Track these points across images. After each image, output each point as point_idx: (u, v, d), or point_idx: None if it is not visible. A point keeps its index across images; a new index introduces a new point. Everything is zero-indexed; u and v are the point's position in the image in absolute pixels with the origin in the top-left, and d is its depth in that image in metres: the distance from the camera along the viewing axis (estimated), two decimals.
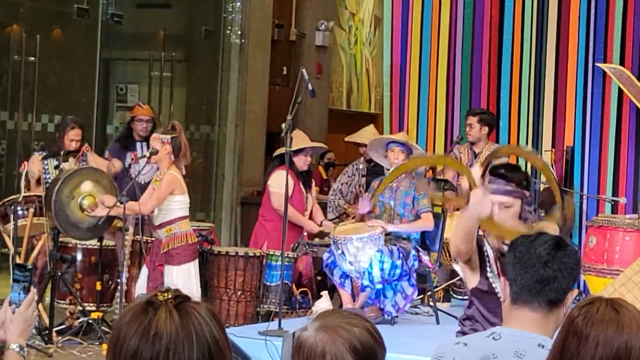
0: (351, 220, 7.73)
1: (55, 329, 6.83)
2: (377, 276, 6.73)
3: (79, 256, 7.27)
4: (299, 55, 12.12)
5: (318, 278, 7.88)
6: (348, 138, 8.76)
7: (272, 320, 6.61)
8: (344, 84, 13.94)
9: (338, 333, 2.00)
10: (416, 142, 8.67)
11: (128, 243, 7.11)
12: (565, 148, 9.25)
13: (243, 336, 6.10)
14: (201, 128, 11.11)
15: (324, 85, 12.49)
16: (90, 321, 6.89)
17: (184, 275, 6.54)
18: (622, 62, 8.98)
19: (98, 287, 7.12)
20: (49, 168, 7.29)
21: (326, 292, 7.11)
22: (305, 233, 7.63)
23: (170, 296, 1.78)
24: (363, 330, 2.01)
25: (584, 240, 8.04)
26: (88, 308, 7.04)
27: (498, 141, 9.13)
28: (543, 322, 2.55)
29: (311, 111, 11.79)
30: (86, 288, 7.26)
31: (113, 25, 10.41)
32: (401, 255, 6.87)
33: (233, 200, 10.84)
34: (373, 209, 7.17)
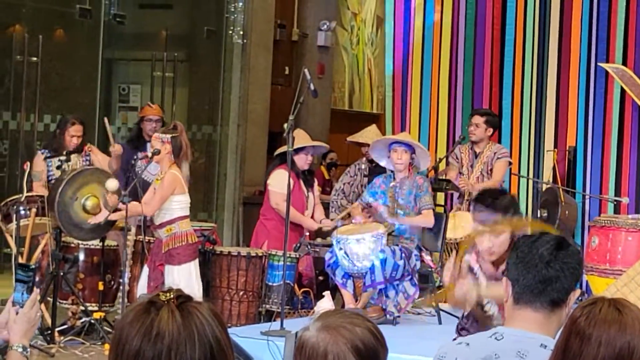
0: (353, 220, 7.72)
1: (57, 329, 6.83)
2: (379, 276, 6.73)
3: (82, 256, 7.27)
4: (301, 55, 12.12)
5: (320, 278, 7.87)
6: (350, 138, 8.75)
7: (274, 320, 6.60)
8: (346, 84, 13.95)
9: (340, 333, 2.00)
10: (418, 142, 8.66)
11: (130, 243, 7.11)
12: (567, 148, 9.24)
13: (245, 336, 6.10)
14: (203, 128, 11.12)
15: (326, 85, 12.49)
16: (92, 321, 6.89)
17: (185, 275, 6.54)
18: (625, 62, 8.98)
19: (100, 287, 7.12)
20: (52, 167, 7.30)
21: (328, 292, 7.10)
22: (307, 233, 7.63)
23: (172, 296, 1.78)
24: (365, 330, 2.01)
25: (587, 240, 8.03)
26: (90, 308, 7.05)
27: (500, 141, 9.12)
28: (545, 322, 2.55)
29: (313, 111, 11.79)
30: (88, 288, 7.26)
31: (115, 25, 10.42)
32: (403, 255, 6.86)
33: (235, 200, 10.84)
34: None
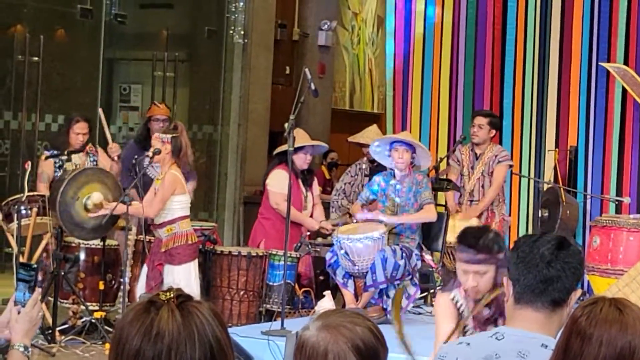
0: (354, 220, 7.72)
1: (58, 329, 6.83)
2: (380, 276, 6.73)
3: (82, 256, 7.27)
4: (302, 55, 12.12)
5: (321, 278, 7.87)
6: (351, 138, 8.74)
7: (275, 320, 6.60)
8: (347, 84, 13.95)
9: (340, 332, 2.00)
10: (419, 142, 8.66)
11: (131, 243, 7.11)
12: (568, 148, 9.24)
13: (246, 336, 6.09)
14: (204, 128, 11.12)
15: (327, 85, 12.49)
16: (93, 321, 6.89)
17: (185, 274, 6.54)
18: (626, 62, 8.97)
19: (101, 287, 7.13)
20: (57, 167, 7.29)
21: (329, 292, 7.10)
22: (308, 233, 7.62)
23: (172, 295, 1.78)
24: (365, 329, 2.01)
25: (588, 240, 8.02)
26: (91, 307, 7.05)
27: (501, 142, 9.11)
28: (546, 322, 2.54)
29: (314, 111, 11.79)
30: (89, 288, 7.25)
31: (116, 25, 10.42)
32: (404, 254, 6.86)
33: (236, 199, 10.84)
34: (375, 206, 7.17)
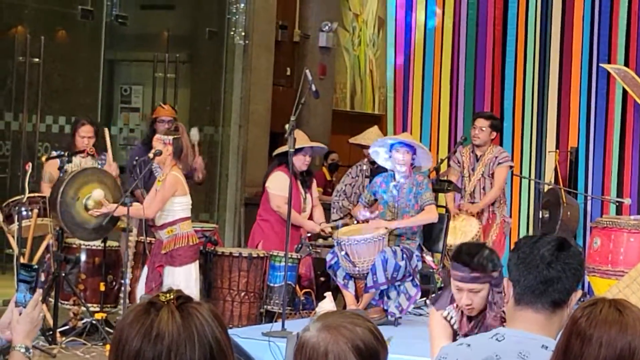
0: (354, 221, 7.73)
1: (59, 330, 6.83)
2: (381, 277, 6.73)
3: (83, 257, 7.27)
4: (303, 56, 12.13)
5: (322, 279, 7.87)
6: (352, 140, 8.75)
7: (276, 321, 6.60)
8: (348, 85, 13.96)
9: (340, 332, 2.00)
10: (419, 143, 8.66)
11: (132, 244, 7.10)
12: (569, 149, 9.24)
13: (246, 337, 6.09)
14: (205, 129, 11.11)
15: (328, 86, 12.50)
16: (94, 322, 6.89)
17: (185, 276, 6.54)
18: (627, 63, 8.97)
19: (102, 288, 7.13)
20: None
21: (330, 293, 7.09)
22: (308, 234, 7.62)
23: (172, 297, 1.78)
24: (365, 330, 2.01)
25: (588, 241, 8.02)
26: (92, 309, 7.05)
27: (502, 143, 9.11)
28: (547, 323, 2.54)
29: (315, 112, 11.79)
30: (90, 289, 7.26)
31: (117, 26, 10.43)
32: (405, 256, 6.86)
33: (237, 200, 10.85)
34: (376, 207, 7.17)
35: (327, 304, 6.89)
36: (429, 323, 4.08)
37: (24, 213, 6.92)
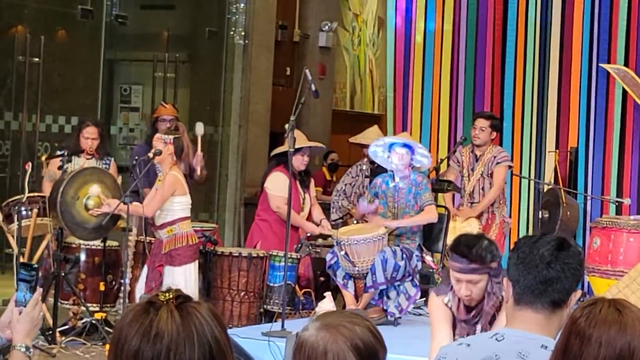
0: (354, 220, 7.73)
1: (58, 330, 6.83)
2: (380, 277, 6.73)
3: (83, 257, 7.27)
4: (303, 56, 12.13)
5: (321, 279, 7.87)
6: (352, 139, 8.75)
7: (275, 321, 6.60)
8: (348, 85, 13.96)
9: (340, 332, 2.00)
10: (419, 143, 8.66)
11: (131, 244, 7.11)
12: (569, 149, 9.24)
13: (246, 337, 6.09)
14: (205, 129, 11.10)
15: (328, 86, 12.50)
16: (93, 322, 6.89)
17: (185, 276, 6.54)
18: (626, 63, 8.97)
19: (101, 288, 7.13)
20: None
21: (329, 293, 7.09)
22: (308, 234, 7.62)
23: (171, 296, 1.78)
24: (365, 329, 2.01)
25: (588, 241, 8.02)
26: (91, 308, 7.05)
27: (502, 143, 9.12)
28: (546, 323, 2.54)
29: (315, 112, 11.80)
30: (90, 288, 7.26)
31: (117, 26, 10.43)
32: (404, 255, 6.86)
33: (236, 200, 10.85)
34: (376, 211, 7.17)
35: (327, 304, 6.89)
36: (430, 308, 4.08)
37: (24, 213, 6.92)
